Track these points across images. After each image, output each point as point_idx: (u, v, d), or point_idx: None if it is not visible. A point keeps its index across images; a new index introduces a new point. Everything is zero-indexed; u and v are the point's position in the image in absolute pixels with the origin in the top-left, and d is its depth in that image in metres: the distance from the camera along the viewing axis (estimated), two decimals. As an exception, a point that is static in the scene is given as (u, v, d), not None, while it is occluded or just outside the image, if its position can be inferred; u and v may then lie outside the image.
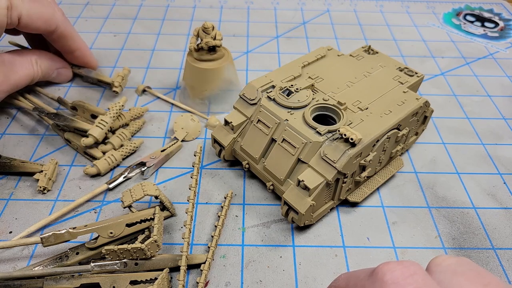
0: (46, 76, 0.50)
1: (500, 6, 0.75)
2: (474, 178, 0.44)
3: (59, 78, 0.53)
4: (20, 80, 0.45)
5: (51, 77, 0.51)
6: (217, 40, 0.45)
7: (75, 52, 0.51)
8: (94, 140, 0.42)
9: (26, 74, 0.46)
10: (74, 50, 0.51)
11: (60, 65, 0.52)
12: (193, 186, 0.35)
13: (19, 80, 0.45)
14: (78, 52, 0.52)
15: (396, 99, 0.40)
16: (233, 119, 0.40)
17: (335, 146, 0.35)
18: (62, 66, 0.52)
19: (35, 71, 0.47)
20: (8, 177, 0.42)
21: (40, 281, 0.32)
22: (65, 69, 0.53)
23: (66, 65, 0.53)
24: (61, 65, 0.52)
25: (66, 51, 0.51)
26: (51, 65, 0.50)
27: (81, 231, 0.33)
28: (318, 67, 0.44)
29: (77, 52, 0.52)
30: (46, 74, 0.50)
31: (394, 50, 0.63)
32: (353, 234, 0.38)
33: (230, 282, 0.34)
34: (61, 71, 0.52)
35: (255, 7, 0.72)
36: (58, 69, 0.52)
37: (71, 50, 0.51)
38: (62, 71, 0.52)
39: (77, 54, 0.52)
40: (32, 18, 0.43)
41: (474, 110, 0.53)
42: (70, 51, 0.51)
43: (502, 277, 0.35)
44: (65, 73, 0.53)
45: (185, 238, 0.33)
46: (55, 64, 0.51)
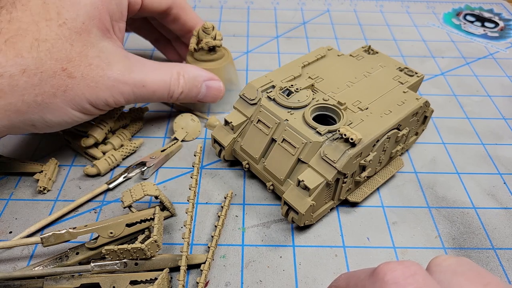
0: (194, 90, 0.42)
1: (500, 6, 0.75)
2: (474, 178, 0.44)
3: (210, 94, 0.44)
4: (149, 80, 0.39)
5: (201, 93, 0.43)
6: (217, 40, 0.45)
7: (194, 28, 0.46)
8: (94, 140, 0.42)
9: (160, 79, 0.39)
10: (194, 25, 0.46)
11: (208, 77, 0.43)
12: (193, 186, 0.35)
13: (147, 79, 0.39)
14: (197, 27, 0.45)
15: (396, 99, 0.40)
16: (233, 119, 0.40)
17: (335, 146, 0.35)
18: (211, 78, 0.44)
19: (173, 80, 0.40)
20: (8, 177, 0.42)
21: (40, 281, 0.32)
22: (215, 81, 0.44)
23: (214, 76, 0.44)
24: (209, 76, 0.44)
25: (187, 29, 0.46)
26: (197, 76, 0.42)
27: (81, 231, 0.33)
28: (318, 67, 0.44)
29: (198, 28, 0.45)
30: (193, 87, 0.42)
31: (394, 50, 0.63)
32: (353, 234, 0.38)
33: (230, 282, 0.34)
34: (211, 83, 0.44)
35: (255, 7, 0.72)
36: (207, 82, 0.43)
37: (191, 26, 0.46)
38: (212, 83, 0.44)
39: None
40: None
41: (474, 110, 0.53)
42: (190, 28, 0.46)
43: (502, 277, 0.35)
44: (216, 86, 0.44)
45: (185, 238, 0.33)
46: (202, 75, 0.43)
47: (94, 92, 0.36)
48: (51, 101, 0.34)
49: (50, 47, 0.34)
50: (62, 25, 0.34)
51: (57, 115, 0.36)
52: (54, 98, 0.34)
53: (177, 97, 0.42)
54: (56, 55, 0.34)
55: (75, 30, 0.35)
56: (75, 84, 0.35)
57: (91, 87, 0.36)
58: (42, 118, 0.35)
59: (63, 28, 0.34)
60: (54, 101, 0.34)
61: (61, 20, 0.34)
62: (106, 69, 0.36)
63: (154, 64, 0.40)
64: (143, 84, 0.38)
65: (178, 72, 0.41)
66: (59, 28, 0.34)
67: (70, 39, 0.34)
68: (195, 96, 0.43)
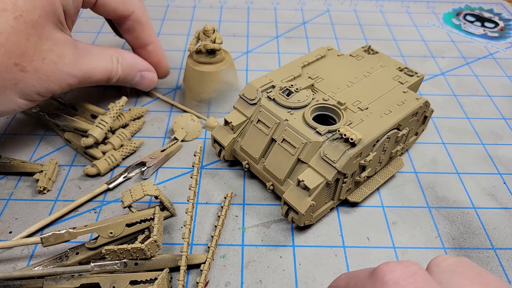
0: (128, 77, 0.45)
1: (500, 6, 0.75)
2: (474, 178, 0.44)
3: (143, 83, 0.47)
4: (94, 71, 0.40)
5: (134, 80, 0.46)
6: (216, 43, 0.45)
7: (148, 46, 0.46)
8: (94, 140, 0.42)
9: (103, 67, 0.41)
10: (147, 43, 0.46)
11: (144, 67, 0.46)
12: (193, 186, 0.35)
13: (93, 70, 0.40)
14: (151, 46, 0.47)
15: (396, 99, 0.40)
16: (233, 119, 0.40)
17: (335, 146, 0.35)
18: (147, 69, 0.47)
19: (113, 68, 0.42)
20: (8, 177, 0.42)
21: (40, 281, 0.32)
22: (149, 72, 0.47)
23: (150, 68, 0.47)
24: (145, 67, 0.47)
25: (139, 44, 0.46)
26: (134, 65, 0.45)
27: (81, 231, 0.33)
28: (318, 67, 0.44)
29: (151, 47, 0.47)
30: (128, 76, 0.45)
31: (394, 50, 0.63)
32: (353, 234, 0.38)
33: (230, 282, 0.34)
34: (146, 74, 0.47)
35: (255, 7, 0.72)
36: (142, 72, 0.46)
37: (145, 43, 0.46)
38: (146, 74, 0.47)
39: (150, 49, 0.47)
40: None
41: (474, 110, 0.53)
42: (143, 44, 0.46)
43: (502, 277, 0.35)
44: (149, 77, 0.47)
45: (185, 238, 0.33)
46: (139, 65, 0.46)
47: (44, 84, 0.36)
48: (0, 93, 0.35)
49: (4, 41, 0.33)
50: (18, 18, 0.33)
51: (5, 105, 0.36)
52: (4, 90, 0.35)
53: (114, 82, 0.44)
54: (10, 50, 0.33)
55: (31, 23, 0.34)
56: (26, 77, 0.35)
57: (42, 79, 0.36)
58: None
59: (19, 21, 0.33)
60: (3, 92, 0.35)
61: (17, 12, 0.33)
62: (58, 63, 0.37)
63: (97, 50, 0.41)
64: (89, 75, 0.40)
65: (117, 59, 0.43)
66: (15, 20, 0.33)
67: (26, 33, 0.34)
68: (128, 82, 0.46)
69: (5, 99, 0.35)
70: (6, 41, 0.33)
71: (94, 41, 0.62)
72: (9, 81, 0.34)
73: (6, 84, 0.34)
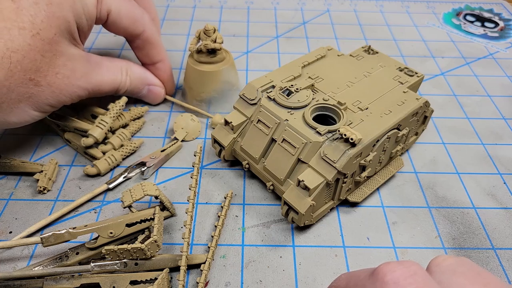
0: (136, 90, 0.46)
1: (500, 6, 0.75)
2: (474, 178, 0.44)
3: (149, 97, 0.49)
4: (104, 83, 0.42)
5: (141, 93, 0.48)
6: (217, 43, 0.45)
7: (157, 63, 0.48)
8: (94, 140, 0.42)
9: (112, 79, 0.43)
10: (157, 61, 0.48)
11: (152, 82, 0.48)
12: (193, 186, 0.35)
13: (102, 83, 0.42)
14: (161, 64, 0.48)
15: (396, 99, 0.40)
16: (233, 119, 0.40)
17: (335, 146, 0.35)
18: (154, 84, 0.48)
19: (122, 80, 0.44)
20: (8, 177, 0.42)
21: (40, 281, 0.32)
22: (157, 87, 0.48)
23: (159, 83, 0.49)
24: (153, 81, 0.48)
25: (149, 61, 0.48)
26: (142, 79, 0.46)
27: (81, 231, 0.33)
28: (318, 67, 0.44)
29: (160, 64, 0.48)
30: (136, 88, 0.46)
31: (394, 50, 0.63)
32: (353, 234, 0.38)
33: (230, 282, 0.34)
34: (153, 88, 0.48)
35: (255, 7, 0.72)
36: (150, 86, 0.48)
37: (154, 61, 0.47)
38: (154, 88, 0.48)
39: (159, 66, 0.48)
40: (120, 15, 0.41)
41: (474, 110, 0.53)
42: (152, 62, 0.48)
43: (502, 277, 0.35)
44: (156, 91, 0.49)
45: (185, 238, 0.33)
46: (147, 78, 0.47)
47: (57, 97, 0.38)
48: (15, 106, 0.36)
49: (21, 58, 0.34)
50: (35, 36, 0.34)
51: (19, 117, 0.37)
52: (19, 103, 0.36)
53: (122, 93, 0.45)
54: (26, 66, 0.34)
55: (48, 41, 0.35)
56: (40, 91, 0.36)
57: (55, 93, 0.37)
58: (5, 119, 0.36)
59: (36, 38, 0.34)
60: (18, 105, 0.36)
61: (35, 30, 0.34)
62: (70, 77, 0.38)
63: (108, 63, 0.43)
64: (99, 87, 0.42)
65: (126, 71, 0.44)
66: (32, 38, 0.34)
67: (42, 50, 0.35)
68: (136, 94, 0.48)
69: (19, 111, 0.36)
70: (23, 58, 0.34)
71: (94, 41, 0.62)
72: (23, 95, 0.35)
73: (20, 98, 0.35)
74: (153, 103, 0.50)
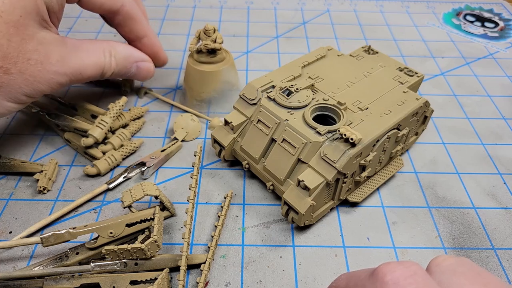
0: (124, 70, 0.43)
1: (500, 6, 0.75)
2: (474, 178, 0.44)
3: (140, 74, 0.45)
4: (85, 67, 0.38)
5: (130, 72, 0.44)
6: (217, 43, 0.45)
7: (142, 39, 0.45)
8: (94, 140, 0.42)
9: (94, 62, 0.39)
10: (141, 37, 0.44)
11: (139, 57, 0.44)
12: (193, 186, 0.35)
13: (83, 67, 0.38)
14: (146, 39, 0.45)
15: (396, 99, 0.40)
16: (233, 119, 0.40)
17: (335, 146, 0.35)
18: (142, 59, 0.45)
19: (106, 62, 0.40)
20: (8, 177, 0.42)
21: (40, 281, 0.32)
22: (146, 62, 0.45)
23: (146, 58, 0.45)
24: (140, 57, 0.45)
25: (133, 37, 0.45)
26: (128, 56, 0.43)
27: (81, 231, 0.33)
28: (318, 67, 0.44)
29: (145, 40, 0.45)
30: (123, 68, 0.43)
31: (394, 50, 0.63)
32: (353, 234, 0.38)
33: (230, 282, 0.34)
34: (142, 65, 0.45)
35: (255, 7, 0.72)
36: (138, 63, 0.44)
37: (138, 36, 0.44)
38: (142, 65, 0.45)
39: (145, 42, 0.45)
40: None
41: (474, 110, 0.53)
42: (137, 38, 0.44)
43: (502, 277, 0.35)
44: (146, 67, 0.45)
45: (185, 238, 0.33)
46: (133, 56, 0.44)
47: (32, 85, 0.35)
48: None
49: None
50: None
51: None
52: None
53: (108, 76, 0.42)
54: None
55: (12, 24, 0.33)
56: (11, 79, 0.34)
57: (29, 81, 0.35)
58: None
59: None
60: None
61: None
62: (44, 63, 0.35)
63: (87, 45, 0.39)
64: (80, 72, 0.38)
65: (110, 53, 0.41)
66: None
67: (7, 34, 0.32)
68: (125, 75, 0.44)
69: None
70: None
71: (94, 41, 0.62)
72: None
73: None
74: (144, 80, 0.47)
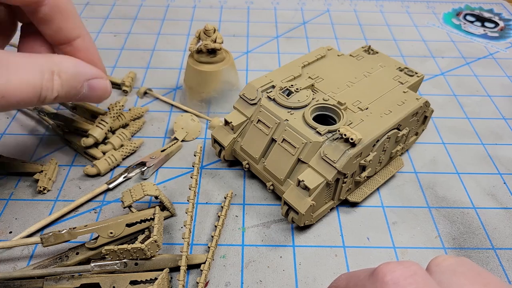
0: (72, 92, 0.32)
1: (500, 6, 0.75)
2: (474, 178, 0.44)
3: (93, 95, 0.34)
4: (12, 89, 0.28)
5: (81, 93, 0.33)
6: (217, 43, 0.45)
7: (74, 41, 0.34)
8: (94, 140, 0.42)
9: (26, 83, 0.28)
10: (73, 38, 0.33)
11: (92, 74, 0.33)
12: (193, 186, 0.35)
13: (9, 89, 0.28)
14: (79, 41, 0.34)
15: (396, 99, 0.40)
16: (233, 119, 0.40)
17: (335, 146, 0.35)
18: (96, 76, 0.34)
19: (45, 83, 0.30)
20: (8, 177, 0.42)
21: (40, 281, 0.32)
22: (100, 79, 0.34)
23: (100, 73, 0.34)
24: (93, 73, 0.34)
25: (61, 39, 0.33)
26: (78, 74, 0.32)
27: (81, 231, 0.33)
28: (318, 67, 0.44)
29: (78, 42, 0.34)
30: (71, 89, 0.32)
31: (394, 50, 0.63)
32: (353, 234, 0.38)
33: (230, 282, 0.34)
34: (95, 83, 0.34)
35: (255, 7, 0.72)
36: (90, 81, 0.33)
37: (69, 37, 0.33)
38: (96, 83, 0.34)
39: (78, 45, 0.34)
40: None
41: (474, 110, 0.53)
42: (67, 39, 0.33)
43: (502, 277, 0.35)
44: (101, 85, 0.34)
45: (185, 238, 0.33)
46: (84, 72, 0.33)
47: None
48: None
49: None
50: None
51: None
52: None
53: (50, 102, 0.31)
54: None
55: None
56: None
57: None
58: None
59: None
60: None
61: None
62: None
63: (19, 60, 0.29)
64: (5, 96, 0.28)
65: (52, 71, 0.30)
66: None
67: None
68: (72, 98, 0.33)
69: None
70: None
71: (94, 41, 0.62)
72: None
73: None
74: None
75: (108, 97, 0.36)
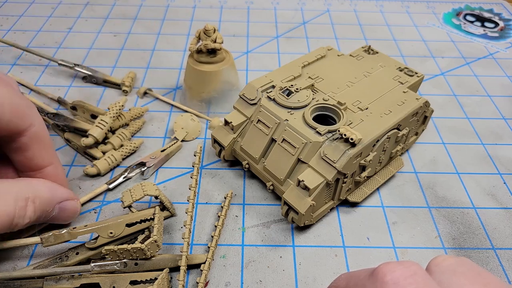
0: (44, 215, 0.32)
1: (500, 6, 0.75)
2: (474, 178, 0.44)
3: (62, 216, 0.35)
4: None
5: (50, 216, 0.33)
6: (217, 43, 0.45)
7: (47, 167, 0.34)
8: (94, 140, 0.42)
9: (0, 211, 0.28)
10: (46, 165, 0.34)
11: (63, 196, 0.34)
12: (193, 186, 0.35)
13: None
14: (52, 168, 0.35)
15: (396, 99, 0.40)
16: (233, 119, 0.40)
17: (335, 146, 0.35)
18: (67, 197, 0.34)
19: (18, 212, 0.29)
20: (8, 177, 0.42)
21: (40, 281, 0.32)
22: (70, 201, 0.35)
23: (71, 194, 0.35)
24: (64, 195, 0.34)
25: (32, 166, 0.34)
26: (52, 197, 0.33)
27: (81, 231, 0.33)
28: (318, 67, 0.44)
29: (50, 169, 0.34)
30: (43, 213, 0.32)
31: (394, 50, 0.63)
32: (353, 234, 0.38)
33: (230, 282, 0.34)
34: (66, 205, 0.34)
35: (255, 7, 0.72)
36: (61, 204, 0.34)
37: (41, 165, 0.34)
38: (67, 205, 0.34)
39: (49, 172, 0.34)
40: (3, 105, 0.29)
41: (474, 110, 0.53)
42: (38, 167, 0.34)
43: (502, 277, 0.35)
44: (71, 207, 0.35)
45: (185, 238, 0.33)
46: (57, 195, 0.33)
47: None
48: None
49: None
50: None
51: None
52: None
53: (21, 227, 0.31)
54: None
55: None
56: None
57: None
58: None
59: None
60: None
61: None
62: None
63: None
64: None
65: (26, 197, 0.30)
66: None
67: None
68: (42, 221, 0.33)
69: None
70: None
71: (94, 41, 0.62)
72: None
73: None
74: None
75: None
